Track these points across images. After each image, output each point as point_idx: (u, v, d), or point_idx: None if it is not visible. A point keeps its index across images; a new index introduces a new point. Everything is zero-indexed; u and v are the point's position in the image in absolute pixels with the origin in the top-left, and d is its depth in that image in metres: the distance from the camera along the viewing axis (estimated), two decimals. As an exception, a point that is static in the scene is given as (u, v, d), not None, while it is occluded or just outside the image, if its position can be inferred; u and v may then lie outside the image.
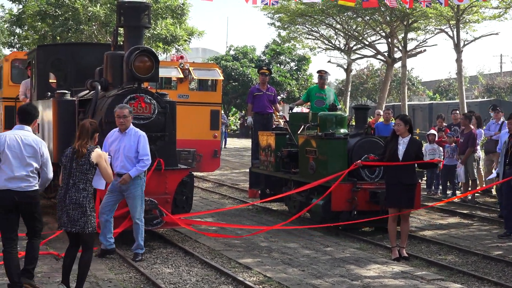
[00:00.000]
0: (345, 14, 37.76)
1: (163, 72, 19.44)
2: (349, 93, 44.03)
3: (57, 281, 8.45)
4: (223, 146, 38.93)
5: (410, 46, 37.84)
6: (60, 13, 31.35)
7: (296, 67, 52.39)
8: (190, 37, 33.01)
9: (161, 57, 32.03)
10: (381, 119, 20.42)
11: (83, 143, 7.93)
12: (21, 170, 8.02)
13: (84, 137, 7.99)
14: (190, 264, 10.19)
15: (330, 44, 43.53)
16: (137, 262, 10.08)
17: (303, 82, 51.25)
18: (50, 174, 8.37)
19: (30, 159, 8.06)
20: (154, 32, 30.63)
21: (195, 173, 15.37)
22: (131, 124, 10.46)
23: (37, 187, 8.22)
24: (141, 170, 10.24)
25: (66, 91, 12.67)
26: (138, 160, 10.25)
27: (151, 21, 12.32)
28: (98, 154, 8.00)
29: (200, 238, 12.00)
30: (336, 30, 41.49)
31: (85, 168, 7.93)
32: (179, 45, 32.69)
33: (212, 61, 46.97)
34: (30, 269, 8.28)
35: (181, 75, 21.87)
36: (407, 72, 41.58)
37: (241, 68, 49.16)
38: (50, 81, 15.06)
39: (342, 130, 13.60)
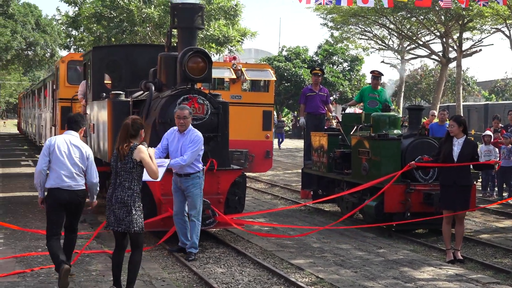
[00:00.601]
0: (399, 13, 37.40)
1: (216, 73, 19.54)
2: (402, 94, 43.61)
3: (111, 280, 8.56)
4: (279, 146, 38.93)
5: (466, 45, 37.33)
6: (115, 15, 31.78)
7: (349, 68, 52.08)
8: (242, 38, 33.10)
9: (214, 58, 32.21)
10: (436, 120, 20.15)
11: (124, 145, 7.89)
12: (70, 170, 8.45)
13: (124, 138, 7.93)
14: (242, 264, 10.21)
15: (384, 44, 43.20)
16: (190, 261, 10.15)
17: (356, 83, 50.93)
18: (95, 179, 8.68)
19: (77, 159, 8.51)
20: (207, 33, 30.80)
21: (247, 174, 15.40)
22: (191, 125, 10.53)
23: (84, 187, 8.59)
24: (178, 162, 10.19)
25: (121, 92, 12.84)
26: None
27: (204, 22, 12.36)
28: (140, 150, 7.88)
29: (252, 238, 12.02)
30: (390, 30, 41.14)
31: (129, 167, 7.88)
32: (232, 46, 32.81)
33: (264, 62, 46.99)
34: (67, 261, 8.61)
35: (234, 76, 21.93)
36: (462, 72, 40.98)
37: (293, 69, 49.07)
38: (105, 82, 15.27)
39: (395, 131, 13.47)
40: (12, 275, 8.85)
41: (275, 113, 39.19)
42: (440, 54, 38.10)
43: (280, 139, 40.52)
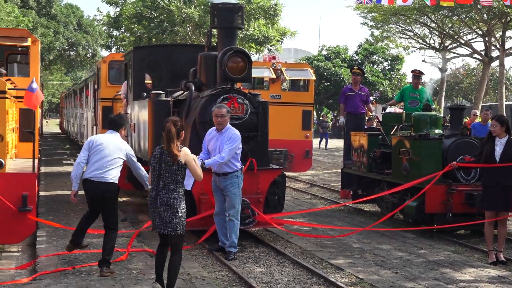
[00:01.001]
0: (441, 12, 37.03)
1: (255, 73, 19.56)
2: (444, 93, 43.16)
3: (151, 278, 8.63)
4: (324, 146, 38.60)
5: (509, 44, 37.00)
6: (155, 15, 32.01)
7: (389, 67, 51.74)
8: (282, 37, 33.09)
9: (254, 57, 32.24)
10: (478, 119, 19.90)
11: (175, 147, 7.91)
12: (103, 164, 9.08)
13: (174, 140, 7.94)
14: (281, 263, 10.21)
15: (425, 43, 42.81)
16: (229, 260, 10.17)
17: (396, 82, 50.57)
18: (139, 170, 9.32)
19: (113, 155, 9.10)
20: (247, 33, 30.85)
21: (287, 173, 15.39)
22: (229, 124, 10.57)
23: (116, 181, 9.10)
24: (216, 161, 10.20)
25: (161, 92, 12.92)
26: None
27: (244, 22, 12.38)
28: (185, 153, 7.96)
29: (292, 238, 12.01)
30: (431, 29, 40.76)
31: (174, 169, 7.91)
32: (271, 46, 32.81)
33: (304, 61, 46.91)
34: (108, 258, 9.04)
35: (274, 76, 21.94)
36: (505, 71, 40.43)
37: (333, 68, 48.91)
38: (146, 82, 15.38)
39: (436, 131, 13.34)
40: (54, 272, 8.97)
41: (315, 113, 38.97)
42: (482, 53, 37.62)
43: (324, 139, 40.09)
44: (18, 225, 10.37)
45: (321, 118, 46.90)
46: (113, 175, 9.10)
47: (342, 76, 48.27)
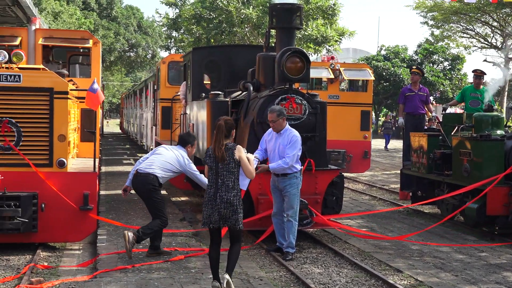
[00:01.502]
0: (503, 10, 36.32)
1: (314, 73, 19.52)
2: (506, 93, 42.34)
3: (209, 277, 8.68)
4: (385, 147, 38.12)
5: None
6: (214, 16, 32.20)
7: (450, 67, 50.97)
8: (341, 37, 32.91)
9: (312, 57, 32.15)
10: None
11: (219, 146, 8.12)
12: (153, 162, 10.05)
13: (219, 139, 8.15)
14: (339, 265, 10.16)
15: (486, 42, 42.07)
16: (287, 261, 10.17)
17: (457, 82, 49.79)
18: (199, 181, 10.06)
19: (169, 160, 10.05)
20: (305, 33, 30.79)
21: (345, 174, 15.30)
22: (287, 125, 10.57)
23: (157, 175, 9.90)
24: (281, 166, 10.24)
25: (220, 92, 12.99)
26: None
27: (303, 22, 12.36)
28: (239, 150, 8.18)
29: (350, 239, 11.94)
30: (493, 28, 40.02)
31: (231, 166, 8.14)
32: (329, 46, 32.67)
33: (363, 61, 46.59)
34: (157, 245, 10.03)
35: (332, 76, 21.86)
36: None
37: (392, 68, 48.43)
38: (204, 82, 15.48)
39: (498, 132, 13.09)
40: (114, 270, 9.10)
41: (373, 113, 38.60)
42: (546, 52, 36.79)
43: (387, 140, 39.46)
44: (80, 223, 10.57)
45: (384, 118, 46.34)
46: (158, 172, 9.96)
47: (401, 76, 47.76)
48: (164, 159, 10.04)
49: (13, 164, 10.28)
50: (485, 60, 48.32)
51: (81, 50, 15.04)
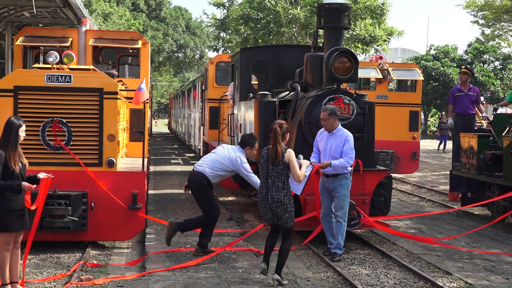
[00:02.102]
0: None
1: (362, 73, 19.40)
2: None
3: (257, 277, 8.70)
4: (443, 148, 37.41)
5: None
6: (262, 16, 32.22)
7: (501, 66, 50.18)
8: (389, 37, 32.60)
9: (360, 57, 31.94)
10: None
11: (278, 149, 8.61)
12: (206, 161, 10.24)
13: (278, 142, 8.65)
14: (387, 266, 10.07)
15: (539, 41, 41.30)
16: (334, 262, 10.12)
17: (508, 82, 49.01)
18: (251, 180, 10.07)
19: (221, 160, 10.12)
20: (353, 33, 30.61)
21: (393, 175, 15.17)
22: (339, 125, 10.55)
23: (206, 174, 10.04)
24: (343, 163, 10.27)
25: (267, 92, 13.00)
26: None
27: (351, 22, 12.28)
28: (290, 154, 8.64)
29: (398, 240, 11.84)
30: (545, 27, 39.29)
31: (281, 168, 8.64)
32: (378, 46, 32.41)
33: (411, 61, 46.16)
34: (205, 243, 10.10)
35: (380, 76, 21.70)
36: None
37: (441, 68, 47.86)
38: (252, 82, 15.50)
39: (551, 132, 12.84)
40: (162, 271, 9.17)
41: (422, 114, 38.14)
42: None
43: (443, 141, 38.30)
44: (128, 222, 10.68)
45: (439, 119, 45.67)
46: (206, 170, 10.11)
47: (451, 76, 47.17)
48: (216, 158, 10.17)
49: (63, 164, 10.43)
50: (537, 60, 47.42)
51: (131, 51, 15.21)
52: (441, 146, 37.59)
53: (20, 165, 7.83)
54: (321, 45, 12.73)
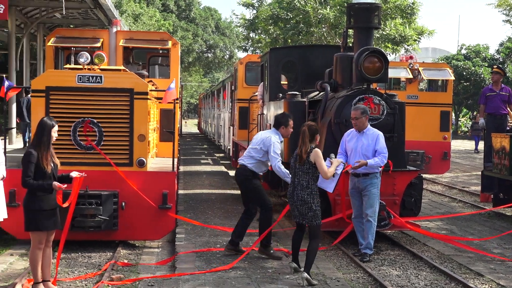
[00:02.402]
0: None
1: (392, 73, 19.29)
2: None
3: (286, 278, 8.70)
4: (475, 149, 36.87)
5: None
6: (291, 16, 32.19)
7: (534, 66, 49.61)
8: (419, 36, 32.40)
9: (390, 57, 31.77)
10: None
11: (303, 149, 8.87)
12: (247, 153, 10.24)
13: (305, 142, 8.89)
14: (418, 267, 10.00)
15: None
16: (365, 262, 10.08)
17: (540, 81, 48.42)
18: (273, 162, 9.95)
19: (256, 145, 10.13)
20: (383, 32, 30.47)
21: (424, 175, 15.06)
22: (369, 124, 10.51)
23: (249, 166, 10.06)
24: (378, 162, 10.27)
25: (297, 93, 12.99)
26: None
27: (381, 21, 12.22)
28: (316, 153, 8.83)
29: (429, 241, 11.75)
30: None
31: (306, 168, 8.86)
32: (408, 45, 32.23)
33: (442, 61, 45.82)
34: (237, 241, 10.12)
35: (410, 76, 21.57)
36: None
37: (473, 68, 47.47)
38: (282, 82, 15.49)
39: None
40: (192, 268, 9.20)
41: (453, 114, 37.80)
42: None
43: (477, 142, 37.68)
44: (159, 222, 10.73)
45: (473, 119, 45.15)
46: (245, 161, 10.15)
47: (482, 75, 46.75)
48: (251, 146, 10.28)
49: (94, 163, 10.51)
50: None
51: (161, 51, 15.28)
52: (478, 146, 37.08)
53: (52, 165, 7.91)
54: (350, 45, 12.68)
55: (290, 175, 9.20)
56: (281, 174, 9.89)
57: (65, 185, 7.93)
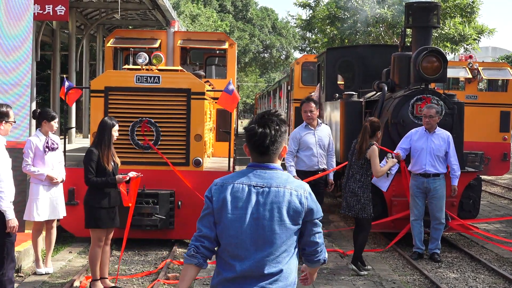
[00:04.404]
0: None
1: (450, 73, 19.03)
2: None
3: (342, 278, 8.66)
4: None
5: None
6: (348, 16, 32.02)
7: None
8: (479, 35, 31.85)
9: (449, 57, 31.32)
10: None
11: (364, 145, 9.01)
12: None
13: (365, 138, 9.03)
14: (476, 270, 9.85)
15: None
16: (437, 262, 10.13)
17: None
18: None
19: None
20: (442, 31, 30.06)
21: (482, 177, 14.82)
22: (437, 126, 10.44)
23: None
24: (459, 173, 10.41)
25: (354, 93, 12.92)
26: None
27: (439, 20, 12.07)
28: (372, 150, 9.00)
29: (487, 244, 11.56)
30: None
31: (361, 163, 9.09)
32: (467, 45, 31.71)
33: (502, 60, 44.99)
34: None
35: (470, 75, 21.24)
36: None
37: (534, 67, 46.46)
38: (338, 82, 15.42)
39: None
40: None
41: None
42: None
43: None
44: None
45: None
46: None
47: (544, 75, 45.71)
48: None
49: (151, 163, 10.63)
50: None
51: (217, 52, 15.37)
52: None
53: (113, 164, 8.03)
54: (408, 44, 12.56)
55: (346, 169, 9.41)
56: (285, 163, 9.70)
57: (128, 177, 8.06)
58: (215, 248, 3.81)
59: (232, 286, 3.60)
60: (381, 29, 32.36)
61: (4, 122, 7.06)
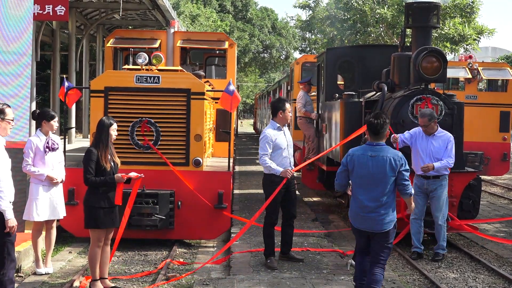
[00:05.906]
0: None
1: (450, 73, 19.03)
2: None
3: (341, 278, 8.65)
4: None
5: None
6: (348, 16, 32.03)
7: None
8: (479, 36, 31.84)
9: (449, 57, 31.31)
10: None
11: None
12: None
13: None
14: (476, 270, 9.85)
15: None
16: (437, 261, 10.15)
17: None
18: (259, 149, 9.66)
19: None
20: (442, 32, 30.05)
21: (482, 177, 14.82)
22: (438, 127, 10.47)
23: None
24: (445, 165, 10.26)
25: (353, 93, 12.91)
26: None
27: (439, 20, 12.07)
28: None
29: (487, 244, 11.56)
30: None
31: None
32: (467, 45, 31.70)
33: (502, 61, 44.99)
34: (284, 250, 9.74)
35: (469, 76, 21.25)
36: None
37: (534, 67, 46.45)
38: (338, 83, 15.41)
39: None
40: (246, 269, 9.22)
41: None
42: None
43: None
44: (214, 221, 10.80)
45: None
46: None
47: (544, 75, 45.70)
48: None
49: (151, 163, 10.63)
50: None
51: (217, 52, 15.36)
52: None
53: (112, 164, 8.03)
54: (408, 44, 12.56)
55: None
56: (264, 163, 9.52)
57: (127, 177, 8.06)
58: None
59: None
60: (381, 29, 32.35)
61: (0, 119, 7.00)
